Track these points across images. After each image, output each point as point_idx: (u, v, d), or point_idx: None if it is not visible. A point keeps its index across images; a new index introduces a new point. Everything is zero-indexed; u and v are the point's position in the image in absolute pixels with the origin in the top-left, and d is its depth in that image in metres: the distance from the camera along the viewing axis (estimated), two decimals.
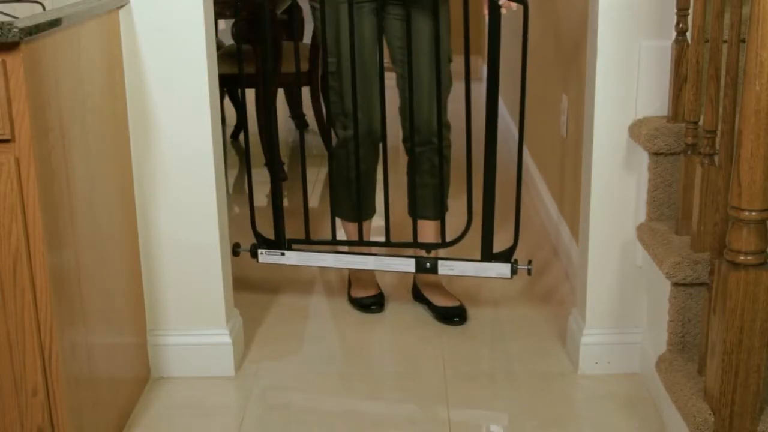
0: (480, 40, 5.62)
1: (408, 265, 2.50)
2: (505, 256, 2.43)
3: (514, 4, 2.27)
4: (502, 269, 2.44)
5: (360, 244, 2.58)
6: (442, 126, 2.44)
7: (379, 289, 2.77)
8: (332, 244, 2.60)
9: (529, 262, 2.45)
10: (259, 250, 2.55)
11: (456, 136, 2.60)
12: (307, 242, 2.56)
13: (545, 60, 3.39)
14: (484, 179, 2.39)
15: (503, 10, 2.27)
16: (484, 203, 2.42)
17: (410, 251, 2.61)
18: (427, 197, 2.59)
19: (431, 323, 2.62)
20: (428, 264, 2.48)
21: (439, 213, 2.54)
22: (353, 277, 2.79)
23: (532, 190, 3.64)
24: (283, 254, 2.55)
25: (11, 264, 1.67)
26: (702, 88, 2.00)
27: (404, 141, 2.58)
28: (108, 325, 2.04)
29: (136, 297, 2.24)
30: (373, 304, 2.72)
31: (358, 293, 2.75)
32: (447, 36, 2.47)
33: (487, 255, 2.44)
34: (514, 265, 2.43)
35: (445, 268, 2.47)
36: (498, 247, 2.45)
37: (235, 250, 2.55)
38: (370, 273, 2.77)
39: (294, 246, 2.55)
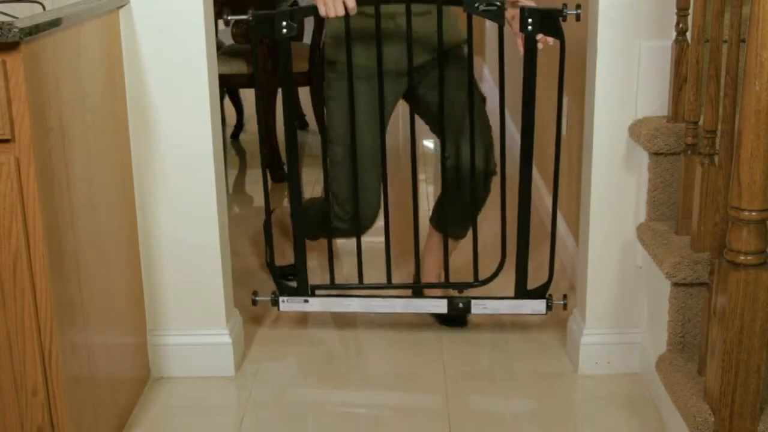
0: (481, 42, 5.61)
1: (440, 306, 2.43)
2: (540, 293, 2.38)
3: (550, 39, 2.18)
4: (537, 306, 2.37)
5: (389, 288, 2.47)
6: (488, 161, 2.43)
7: None
8: (359, 288, 2.46)
9: (565, 297, 2.41)
10: (281, 298, 2.43)
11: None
12: (332, 287, 2.47)
13: (545, 59, 3.38)
14: (518, 218, 2.32)
15: (540, 45, 2.19)
16: (518, 240, 2.34)
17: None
18: (453, 217, 2.49)
19: (431, 324, 2.61)
20: (461, 304, 2.41)
21: (462, 234, 2.52)
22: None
23: (532, 190, 3.63)
24: (306, 301, 2.44)
25: (11, 264, 1.66)
26: (702, 88, 2.00)
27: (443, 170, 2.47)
28: (108, 325, 2.04)
29: (136, 297, 2.24)
30: (291, 274, 2.60)
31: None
32: (474, 82, 2.34)
33: (522, 292, 2.39)
34: (549, 301, 2.37)
35: (478, 307, 2.40)
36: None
37: (254, 300, 2.48)
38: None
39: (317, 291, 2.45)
